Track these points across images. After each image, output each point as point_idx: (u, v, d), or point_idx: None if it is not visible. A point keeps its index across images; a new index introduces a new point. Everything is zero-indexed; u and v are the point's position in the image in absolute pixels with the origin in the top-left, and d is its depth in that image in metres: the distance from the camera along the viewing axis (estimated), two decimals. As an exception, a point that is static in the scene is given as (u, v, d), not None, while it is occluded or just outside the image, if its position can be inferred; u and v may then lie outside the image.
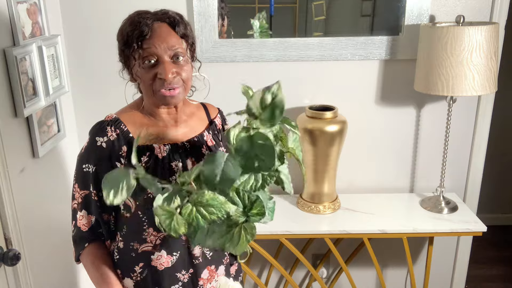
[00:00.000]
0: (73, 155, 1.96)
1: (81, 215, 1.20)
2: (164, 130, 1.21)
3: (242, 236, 1.03)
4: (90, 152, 1.17)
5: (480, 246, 2.85)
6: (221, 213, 0.98)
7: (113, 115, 1.20)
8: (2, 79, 1.42)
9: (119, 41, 1.15)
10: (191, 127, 1.26)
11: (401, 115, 2.07)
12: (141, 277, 1.21)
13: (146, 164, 1.16)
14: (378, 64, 2.01)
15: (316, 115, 1.87)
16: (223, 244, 1.03)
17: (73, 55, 1.96)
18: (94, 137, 1.16)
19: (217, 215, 0.98)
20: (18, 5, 1.49)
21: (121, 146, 1.16)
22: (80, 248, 1.22)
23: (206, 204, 0.97)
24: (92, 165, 1.16)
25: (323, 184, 1.95)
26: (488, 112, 2.05)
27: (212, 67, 1.96)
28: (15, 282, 1.44)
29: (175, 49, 1.12)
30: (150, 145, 1.17)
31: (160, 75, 1.10)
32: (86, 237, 1.21)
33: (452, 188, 2.17)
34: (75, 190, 1.20)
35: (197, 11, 1.90)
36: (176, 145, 1.20)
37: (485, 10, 1.93)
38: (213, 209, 0.97)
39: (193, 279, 1.23)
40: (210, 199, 0.97)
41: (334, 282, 2.26)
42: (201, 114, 1.32)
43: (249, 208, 1.03)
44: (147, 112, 1.22)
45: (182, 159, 1.19)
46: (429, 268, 2.01)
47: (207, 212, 0.97)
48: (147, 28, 1.10)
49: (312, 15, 2.02)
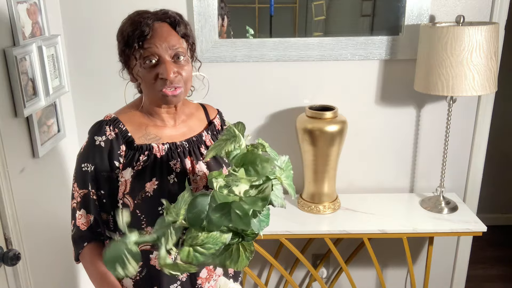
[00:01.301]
0: (73, 155, 1.95)
1: (80, 214, 1.20)
2: (163, 129, 1.22)
3: (241, 253, 1.03)
4: (89, 152, 1.17)
5: (480, 246, 2.84)
6: (218, 245, 0.98)
7: (112, 115, 1.21)
8: (2, 79, 1.42)
9: (119, 41, 1.15)
10: (190, 127, 1.27)
11: (401, 115, 2.07)
12: (140, 276, 1.21)
13: (145, 163, 1.16)
14: (378, 64, 2.01)
15: (316, 115, 1.87)
16: (223, 261, 1.03)
17: (73, 55, 1.96)
18: (93, 136, 1.17)
19: (215, 248, 0.98)
20: (18, 5, 1.49)
21: (120, 146, 1.17)
22: (79, 247, 1.22)
23: (202, 243, 0.97)
24: (91, 164, 1.17)
25: (323, 184, 1.95)
26: (488, 112, 2.05)
27: (212, 67, 1.96)
28: (15, 282, 1.44)
29: (176, 48, 1.12)
30: (149, 144, 1.18)
31: (162, 75, 1.10)
32: (85, 236, 1.21)
33: (452, 188, 2.17)
34: (74, 189, 1.20)
35: (197, 11, 1.90)
36: (174, 144, 1.20)
37: (485, 10, 1.93)
38: (209, 245, 0.97)
39: (191, 278, 1.23)
40: (205, 238, 0.97)
41: (334, 282, 2.26)
42: (200, 114, 1.32)
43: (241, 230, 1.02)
44: (146, 112, 1.22)
45: (180, 158, 1.20)
46: (429, 268, 2.01)
47: (205, 249, 0.97)
48: (148, 28, 1.10)
49: (312, 15, 2.02)
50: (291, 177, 1.08)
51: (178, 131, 1.23)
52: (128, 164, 1.17)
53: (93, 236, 1.21)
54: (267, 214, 1.07)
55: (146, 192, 1.14)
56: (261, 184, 0.95)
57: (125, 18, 1.16)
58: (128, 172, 1.16)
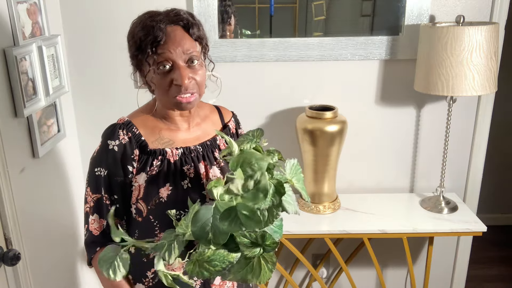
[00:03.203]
0: (73, 155, 1.96)
1: (92, 219, 1.18)
2: (177, 133, 1.20)
3: (263, 265, 1.01)
4: (102, 156, 1.15)
5: (480, 246, 2.84)
6: (224, 264, 0.97)
7: (125, 118, 1.19)
8: (2, 79, 1.42)
9: (130, 45, 1.12)
10: (204, 130, 1.25)
11: (401, 115, 2.07)
12: (153, 282, 1.19)
13: (158, 168, 1.14)
14: (378, 64, 2.01)
15: (316, 115, 1.87)
16: (245, 276, 1.01)
17: (73, 55, 1.96)
18: (106, 140, 1.15)
19: (221, 266, 0.97)
20: (18, 5, 1.49)
21: (133, 150, 1.15)
22: (92, 252, 1.20)
23: (208, 260, 0.96)
24: (104, 169, 1.15)
25: (323, 184, 1.95)
26: (488, 112, 2.05)
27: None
28: (15, 282, 1.44)
29: (190, 53, 1.09)
30: (162, 149, 1.16)
31: (176, 81, 1.08)
32: (97, 241, 1.19)
33: (452, 188, 2.17)
34: (87, 194, 1.18)
35: (197, 11, 1.90)
36: (188, 148, 1.18)
37: (485, 10, 1.93)
38: (216, 262, 0.97)
39: (205, 285, 1.22)
40: (211, 255, 0.96)
41: (334, 282, 2.26)
42: (215, 117, 1.30)
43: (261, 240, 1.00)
44: (159, 115, 1.20)
45: (194, 163, 1.18)
46: (429, 268, 2.01)
47: (211, 266, 0.97)
48: (161, 33, 1.06)
49: (312, 15, 2.02)
50: (302, 180, 1.07)
51: (192, 135, 1.22)
52: (142, 169, 1.15)
53: (106, 241, 1.18)
54: (280, 225, 1.05)
55: (160, 198, 1.13)
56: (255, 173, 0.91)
57: (135, 19, 1.13)
58: (142, 177, 1.15)
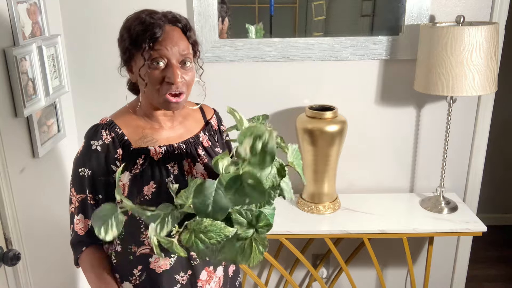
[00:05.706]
0: (73, 155, 1.95)
1: (78, 219, 1.20)
2: (160, 132, 1.21)
3: (254, 248, 1.02)
4: (86, 156, 1.16)
5: (480, 246, 2.84)
6: (220, 237, 0.98)
7: (108, 118, 1.19)
8: (2, 79, 1.42)
9: (124, 39, 1.12)
10: (187, 128, 1.26)
11: (401, 115, 2.07)
12: (140, 280, 1.20)
13: (142, 167, 1.15)
14: (378, 64, 2.01)
15: (316, 115, 1.87)
16: (234, 257, 1.02)
17: (73, 55, 1.96)
18: (89, 140, 1.16)
19: (216, 239, 0.98)
20: (18, 5, 1.49)
21: (117, 149, 1.16)
22: (78, 252, 1.22)
23: (205, 231, 0.97)
24: (87, 169, 1.16)
25: (323, 184, 1.95)
26: (488, 112, 2.05)
27: (212, 67, 1.96)
28: (15, 282, 1.44)
29: (185, 54, 1.11)
30: (146, 147, 1.17)
31: (169, 79, 1.09)
32: (83, 241, 1.21)
33: (452, 188, 2.17)
34: (72, 194, 1.20)
35: (197, 11, 1.90)
36: (171, 146, 1.20)
37: (485, 10, 1.93)
38: (212, 234, 0.97)
39: (191, 280, 1.23)
40: (209, 225, 0.97)
41: (334, 282, 2.26)
42: (197, 115, 1.32)
43: (255, 222, 1.02)
44: (142, 114, 1.21)
45: (178, 160, 1.19)
46: (429, 268, 2.01)
47: (206, 237, 0.98)
48: (160, 30, 1.08)
49: (312, 15, 2.02)
50: (301, 165, 1.10)
51: (175, 133, 1.23)
52: (126, 167, 1.16)
53: (91, 241, 1.21)
54: (272, 214, 1.07)
55: (144, 196, 1.14)
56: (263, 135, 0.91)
57: (130, 15, 1.14)
58: (126, 176, 1.15)
